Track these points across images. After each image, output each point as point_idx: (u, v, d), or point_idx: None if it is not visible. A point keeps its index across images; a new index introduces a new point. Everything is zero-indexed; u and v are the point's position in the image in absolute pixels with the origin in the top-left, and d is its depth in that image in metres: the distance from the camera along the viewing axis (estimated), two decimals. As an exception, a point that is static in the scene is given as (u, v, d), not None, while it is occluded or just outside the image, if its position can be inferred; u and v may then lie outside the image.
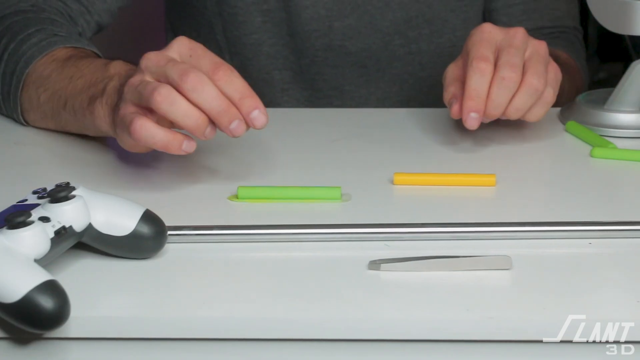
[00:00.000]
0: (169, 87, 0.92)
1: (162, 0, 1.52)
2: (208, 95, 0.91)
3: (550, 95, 1.06)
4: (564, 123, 1.18)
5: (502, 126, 1.15)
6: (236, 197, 0.98)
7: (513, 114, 1.05)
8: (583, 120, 1.16)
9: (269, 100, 1.43)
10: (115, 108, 0.99)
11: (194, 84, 0.91)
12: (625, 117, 1.16)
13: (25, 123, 1.16)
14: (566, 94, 1.27)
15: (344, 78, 1.41)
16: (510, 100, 1.04)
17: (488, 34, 1.07)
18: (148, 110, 0.93)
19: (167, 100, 0.91)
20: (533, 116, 1.07)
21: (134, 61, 1.05)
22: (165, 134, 0.92)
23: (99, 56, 1.14)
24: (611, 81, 1.36)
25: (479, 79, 1.03)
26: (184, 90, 0.91)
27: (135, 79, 0.95)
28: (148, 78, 0.94)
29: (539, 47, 1.07)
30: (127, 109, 0.95)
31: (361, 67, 1.40)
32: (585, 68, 1.43)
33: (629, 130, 1.14)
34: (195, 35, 1.44)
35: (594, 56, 3.26)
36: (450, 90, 1.08)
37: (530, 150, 1.12)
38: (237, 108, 0.93)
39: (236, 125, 0.92)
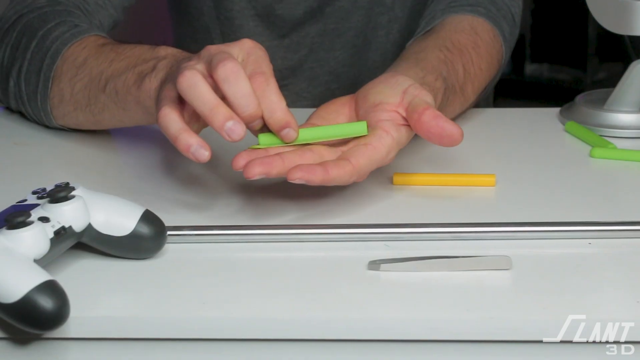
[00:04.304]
0: (195, 71, 0.87)
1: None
2: (239, 89, 0.86)
3: None
4: (563, 123, 1.18)
5: (501, 126, 1.15)
6: (258, 145, 0.93)
7: None
8: (583, 120, 1.16)
9: None
10: (163, 84, 0.94)
11: (227, 73, 0.86)
12: (624, 117, 1.16)
13: (54, 121, 1.14)
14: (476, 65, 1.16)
15: (336, 61, 1.41)
16: None
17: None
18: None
19: (188, 81, 0.86)
20: None
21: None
22: (180, 128, 0.87)
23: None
24: (611, 81, 1.36)
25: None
26: (216, 78, 0.86)
27: (190, 63, 0.89)
28: (200, 67, 0.89)
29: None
30: (169, 92, 0.90)
31: (352, 47, 1.41)
32: (512, 25, 1.25)
33: (628, 131, 1.15)
34: (192, 41, 1.44)
35: (593, 56, 3.25)
36: None
37: (530, 150, 1.12)
38: (267, 117, 0.89)
39: (257, 125, 0.89)
